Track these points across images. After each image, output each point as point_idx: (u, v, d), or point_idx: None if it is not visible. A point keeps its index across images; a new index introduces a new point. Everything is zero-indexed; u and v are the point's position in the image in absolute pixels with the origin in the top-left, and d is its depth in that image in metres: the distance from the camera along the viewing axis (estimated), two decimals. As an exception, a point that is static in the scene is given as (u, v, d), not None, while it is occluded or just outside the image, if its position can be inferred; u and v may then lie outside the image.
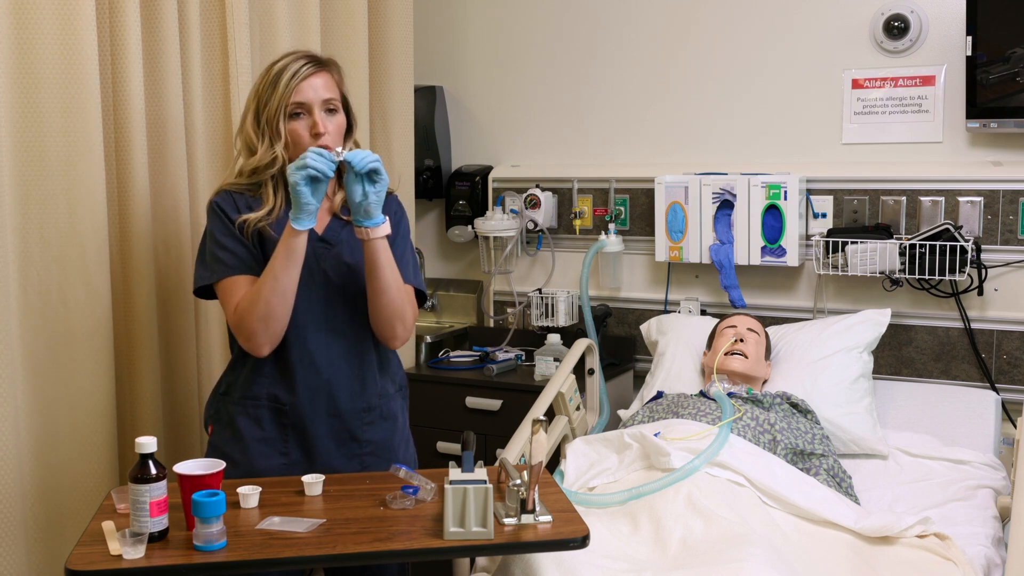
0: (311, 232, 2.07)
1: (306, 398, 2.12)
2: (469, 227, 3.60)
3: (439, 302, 3.79)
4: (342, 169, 1.99)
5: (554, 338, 3.34)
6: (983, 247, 2.94)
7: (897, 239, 2.96)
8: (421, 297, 2.23)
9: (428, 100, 3.63)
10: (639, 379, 3.34)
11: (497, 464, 1.98)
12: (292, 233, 1.99)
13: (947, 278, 2.91)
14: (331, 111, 2.10)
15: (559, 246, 3.56)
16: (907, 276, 2.96)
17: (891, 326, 2.95)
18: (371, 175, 1.98)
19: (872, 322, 2.92)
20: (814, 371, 2.82)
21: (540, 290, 3.51)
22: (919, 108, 3.06)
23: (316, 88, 2.08)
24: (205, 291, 2.15)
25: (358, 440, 2.17)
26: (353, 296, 2.14)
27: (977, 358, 2.99)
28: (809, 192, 3.15)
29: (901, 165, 3.07)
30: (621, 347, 3.43)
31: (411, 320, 2.17)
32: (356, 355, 2.16)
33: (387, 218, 2.05)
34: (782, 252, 3.10)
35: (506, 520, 1.80)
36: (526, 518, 1.81)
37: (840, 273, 3.04)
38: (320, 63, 2.12)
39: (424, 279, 3.71)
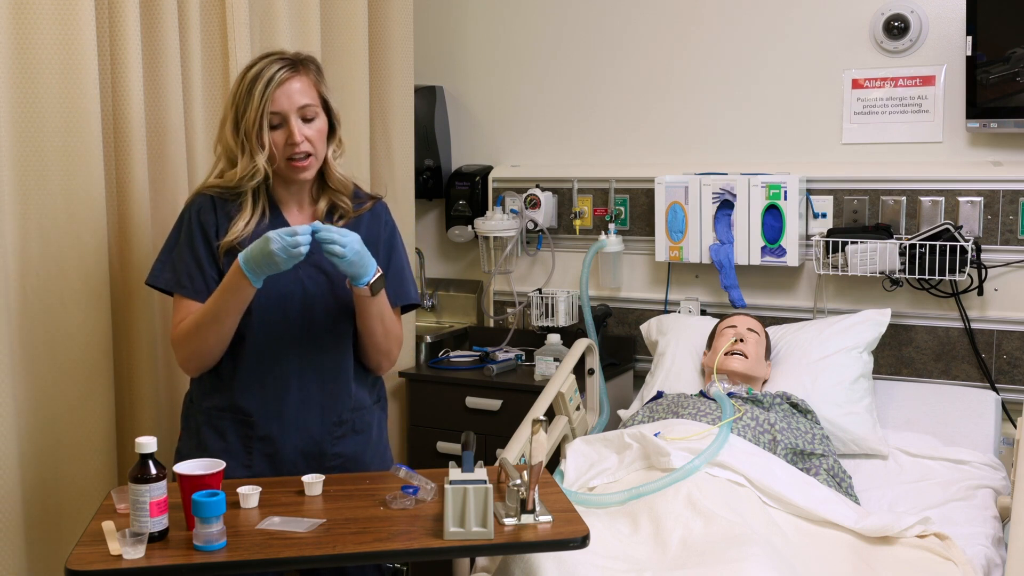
0: None
1: (275, 411, 2.08)
2: (469, 227, 3.60)
3: (439, 302, 3.79)
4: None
5: (554, 338, 3.34)
6: (983, 247, 2.93)
7: (897, 239, 2.96)
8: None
9: (428, 100, 3.63)
10: (639, 379, 3.34)
11: (497, 464, 1.98)
12: (246, 286, 1.94)
13: (947, 278, 2.90)
14: (309, 119, 2.05)
15: (559, 246, 3.56)
16: (907, 276, 2.96)
17: (891, 326, 2.95)
18: (329, 253, 1.93)
19: (872, 322, 2.92)
20: (814, 371, 2.82)
21: (540, 290, 3.51)
22: (919, 108, 3.06)
23: (291, 95, 2.03)
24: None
25: (325, 454, 2.13)
26: (332, 307, 2.10)
27: (977, 358, 2.99)
28: (809, 192, 3.15)
29: (901, 165, 3.07)
30: (621, 347, 3.43)
31: (397, 353, 2.18)
32: (332, 368, 2.12)
33: (378, 269, 2.02)
34: (782, 252, 3.10)
35: (506, 520, 1.80)
36: (526, 518, 1.80)
37: (840, 273, 3.03)
38: (295, 65, 2.06)
39: (424, 279, 3.73)
